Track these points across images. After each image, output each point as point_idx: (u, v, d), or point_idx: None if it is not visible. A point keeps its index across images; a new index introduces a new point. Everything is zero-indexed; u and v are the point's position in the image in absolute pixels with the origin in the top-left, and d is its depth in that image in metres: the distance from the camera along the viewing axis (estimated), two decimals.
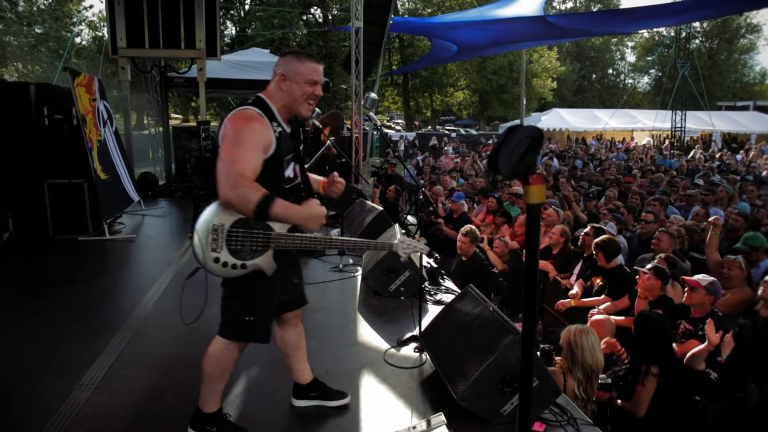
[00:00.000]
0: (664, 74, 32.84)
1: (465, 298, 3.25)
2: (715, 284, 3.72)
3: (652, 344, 3.37)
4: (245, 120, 2.20)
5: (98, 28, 30.76)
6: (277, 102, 2.31)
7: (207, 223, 2.21)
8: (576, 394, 3.08)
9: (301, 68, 2.28)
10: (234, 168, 2.11)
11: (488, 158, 1.31)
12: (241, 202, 2.11)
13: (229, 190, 2.11)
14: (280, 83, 2.29)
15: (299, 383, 2.79)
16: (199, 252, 2.22)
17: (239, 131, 2.17)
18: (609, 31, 24.48)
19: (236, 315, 2.35)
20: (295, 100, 2.30)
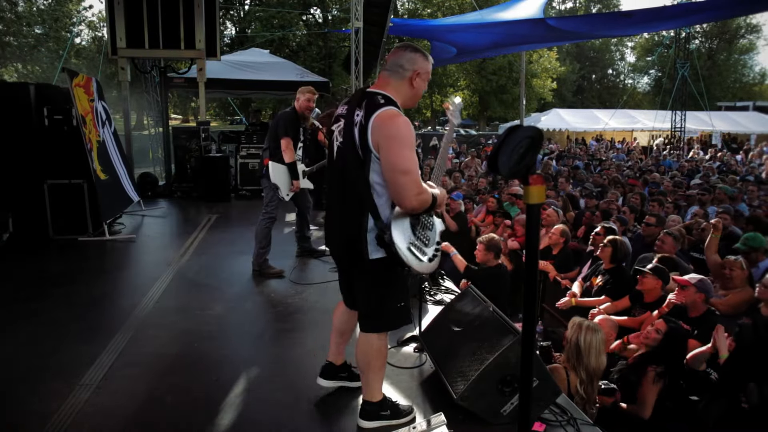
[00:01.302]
0: (663, 74, 32.85)
1: (465, 298, 3.25)
2: (705, 282, 3.70)
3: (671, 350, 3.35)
4: (399, 119, 2.22)
5: (98, 29, 30.77)
6: (401, 98, 2.36)
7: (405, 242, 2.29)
8: (577, 391, 3.08)
9: (429, 67, 2.39)
10: (411, 178, 2.18)
11: (488, 158, 1.32)
12: (421, 206, 2.24)
13: (414, 198, 2.20)
14: (413, 80, 2.35)
15: (333, 363, 2.87)
16: (420, 266, 2.33)
17: (399, 134, 2.20)
18: (609, 34, 24.51)
19: (389, 305, 2.43)
20: (418, 97, 2.41)
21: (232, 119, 36.84)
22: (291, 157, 4.89)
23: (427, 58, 2.39)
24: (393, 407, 2.61)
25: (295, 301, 4.40)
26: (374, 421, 2.56)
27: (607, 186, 9.31)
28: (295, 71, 13.21)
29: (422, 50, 2.42)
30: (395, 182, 2.19)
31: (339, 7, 29.44)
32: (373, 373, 2.52)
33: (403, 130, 2.20)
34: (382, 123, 2.20)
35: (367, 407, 2.57)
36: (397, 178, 2.18)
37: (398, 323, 2.49)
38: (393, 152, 2.18)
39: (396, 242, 2.25)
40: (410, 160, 2.19)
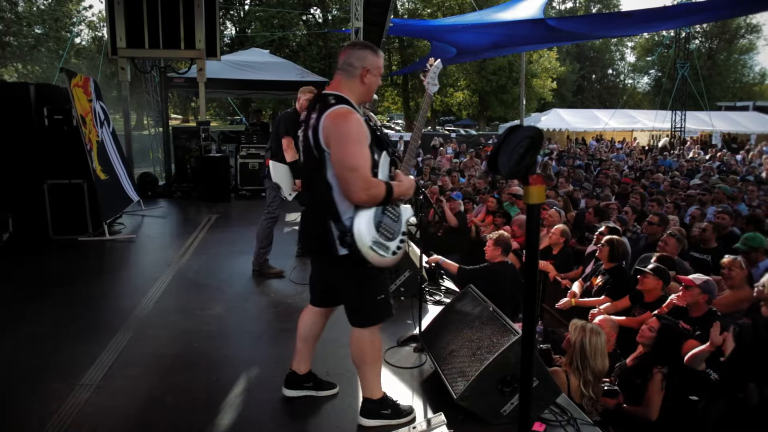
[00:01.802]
0: (663, 74, 32.85)
1: (465, 298, 3.25)
2: (710, 283, 3.71)
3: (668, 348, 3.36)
4: (348, 117, 2.26)
5: (98, 29, 30.78)
6: (354, 95, 2.40)
7: (369, 240, 2.31)
8: (583, 392, 3.08)
9: (379, 63, 2.42)
10: (358, 174, 2.22)
11: (488, 158, 1.31)
12: (371, 201, 2.29)
13: (362, 194, 2.25)
14: (363, 77, 2.38)
15: (296, 372, 2.83)
16: (382, 262, 2.37)
17: (348, 131, 2.23)
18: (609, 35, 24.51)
19: (367, 299, 2.46)
20: (371, 93, 2.46)
21: (232, 119, 36.85)
22: (292, 156, 4.89)
23: (376, 54, 2.42)
24: (394, 406, 2.62)
25: (295, 301, 4.39)
26: (375, 419, 2.57)
27: (609, 186, 9.31)
28: (295, 71, 13.21)
29: (372, 46, 2.45)
30: (343, 178, 2.25)
31: (339, 7, 29.43)
32: (368, 367, 2.54)
33: (352, 127, 2.24)
34: (330, 122, 2.25)
35: (367, 405, 2.57)
36: (344, 174, 2.24)
37: (382, 316, 2.51)
38: (340, 149, 2.23)
39: (357, 242, 2.28)
40: (358, 157, 2.23)
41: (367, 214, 2.33)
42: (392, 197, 2.33)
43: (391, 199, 2.34)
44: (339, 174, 2.27)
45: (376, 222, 2.34)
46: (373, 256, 2.32)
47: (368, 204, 2.30)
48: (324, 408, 2.81)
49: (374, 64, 2.40)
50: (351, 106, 2.33)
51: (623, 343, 3.80)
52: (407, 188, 2.44)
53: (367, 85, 2.41)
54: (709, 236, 5.41)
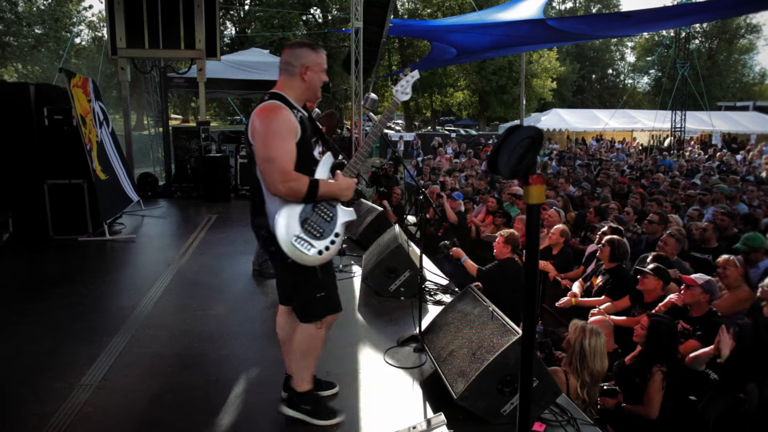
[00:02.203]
0: (663, 74, 32.84)
1: (465, 298, 3.25)
2: (711, 283, 3.72)
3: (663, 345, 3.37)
4: (271, 112, 2.29)
5: (98, 29, 30.80)
6: (295, 93, 2.42)
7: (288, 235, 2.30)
8: (578, 394, 3.08)
9: (319, 59, 2.45)
10: (275, 166, 2.23)
11: (488, 158, 1.31)
12: (291, 194, 2.28)
13: (280, 185, 2.25)
14: (303, 75, 2.40)
15: (292, 376, 2.79)
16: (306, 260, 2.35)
17: (269, 125, 2.26)
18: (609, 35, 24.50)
19: (307, 297, 2.47)
20: (315, 89, 2.47)
21: (232, 119, 36.85)
22: None
23: (315, 51, 2.44)
24: (317, 404, 2.63)
25: None
26: (293, 410, 2.59)
27: (610, 186, 9.30)
28: None
29: (311, 44, 2.47)
30: (261, 169, 2.29)
31: (339, 7, 29.43)
32: (302, 360, 2.55)
33: (275, 121, 2.27)
34: (255, 116, 2.30)
35: (292, 395, 2.60)
36: (261, 165, 2.27)
37: (321, 313, 2.50)
38: (260, 141, 2.27)
39: (277, 236, 2.29)
40: (276, 149, 2.24)
41: (291, 209, 2.32)
42: (318, 194, 2.31)
43: (318, 196, 2.32)
44: (259, 165, 2.30)
45: (301, 218, 2.33)
46: (295, 252, 2.31)
47: (289, 197, 2.29)
48: None
49: (314, 61, 2.42)
50: (286, 103, 2.34)
51: (624, 343, 3.80)
52: (342, 189, 2.42)
53: (308, 82, 2.42)
54: (710, 236, 5.41)
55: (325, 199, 2.40)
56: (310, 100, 2.50)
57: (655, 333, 3.40)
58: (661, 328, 3.41)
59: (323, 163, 2.48)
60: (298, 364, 2.57)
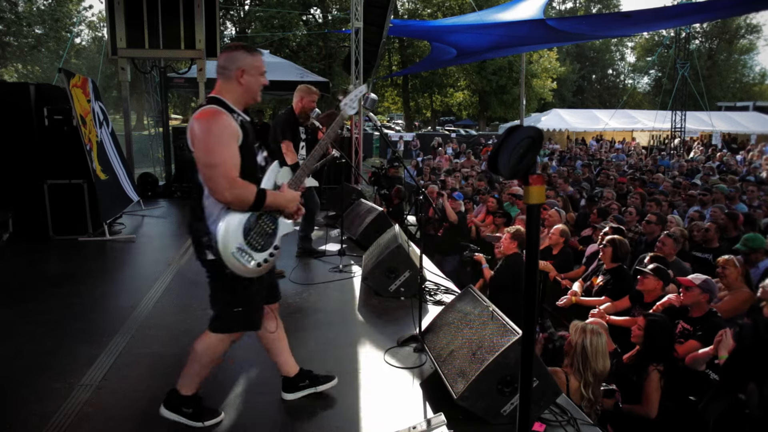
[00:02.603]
0: (663, 75, 32.85)
1: (465, 298, 3.25)
2: (709, 282, 3.72)
3: (660, 344, 3.37)
4: (211, 116, 2.25)
5: (98, 29, 30.81)
6: (233, 96, 2.38)
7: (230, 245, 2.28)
8: (583, 394, 3.08)
9: (255, 62, 2.39)
10: (219, 171, 2.19)
11: (488, 158, 1.31)
12: (237, 202, 2.24)
13: (227, 193, 2.21)
14: (239, 78, 2.36)
15: (287, 376, 2.82)
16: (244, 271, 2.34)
17: (209, 129, 2.23)
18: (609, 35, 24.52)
19: (225, 308, 2.45)
20: (254, 92, 2.43)
21: None
22: (293, 159, 4.91)
23: (251, 53, 2.39)
24: (197, 408, 2.58)
25: (296, 302, 4.40)
26: (173, 412, 2.56)
27: (609, 186, 9.30)
28: (295, 71, 13.22)
29: (247, 46, 2.43)
30: (204, 175, 2.23)
31: (339, 7, 29.43)
32: (196, 366, 2.52)
33: (214, 125, 2.23)
34: (194, 121, 2.26)
35: (172, 395, 2.57)
36: (204, 170, 2.22)
37: (234, 328, 2.48)
38: (201, 146, 2.22)
39: (219, 246, 2.26)
40: (219, 154, 2.20)
41: (235, 218, 2.28)
42: (265, 204, 2.29)
43: (265, 206, 2.30)
44: (202, 172, 2.24)
45: (245, 228, 2.30)
46: (234, 263, 2.29)
47: (235, 205, 2.25)
48: (324, 408, 2.81)
49: (250, 64, 2.37)
50: (225, 107, 2.31)
51: (624, 343, 3.80)
52: (287, 201, 2.40)
53: (245, 85, 2.38)
54: (712, 236, 5.42)
55: (269, 211, 2.37)
56: (249, 103, 2.47)
57: (651, 332, 3.42)
58: (657, 327, 3.42)
59: (270, 171, 2.47)
60: (193, 371, 2.52)
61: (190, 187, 9.72)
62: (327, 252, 5.71)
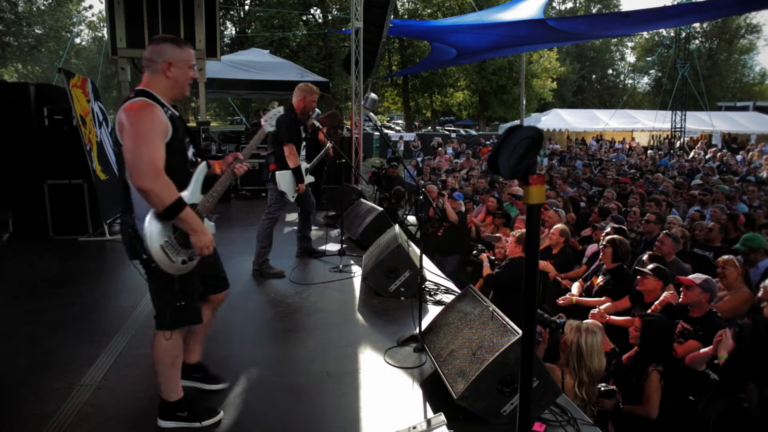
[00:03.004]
0: (663, 75, 32.85)
1: (465, 298, 3.25)
2: (710, 282, 3.72)
3: (657, 344, 3.38)
4: (140, 109, 2.25)
5: (98, 29, 30.81)
6: (160, 89, 2.37)
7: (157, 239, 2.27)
8: (576, 393, 3.09)
9: (183, 55, 2.38)
10: (144, 160, 2.18)
11: (488, 158, 1.31)
12: (155, 194, 2.19)
13: (150, 182, 2.18)
14: (166, 71, 2.35)
15: (185, 362, 2.80)
16: (169, 266, 2.34)
17: (138, 122, 2.22)
18: (609, 35, 24.53)
19: (167, 304, 2.45)
20: (183, 85, 2.42)
21: (232, 119, 36.87)
22: (295, 162, 4.92)
23: (178, 46, 2.38)
24: (191, 408, 2.59)
25: (296, 302, 4.40)
26: (170, 421, 2.56)
27: (608, 186, 9.31)
28: (295, 71, 13.21)
29: (174, 39, 2.42)
30: (130, 164, 2.21)
31: (339, 7, 29.43)
32: (162, 369, 2.51)
33: (143, 117, 2.22)
34: (122, 113, 2.25)
35: (163, 406, 2.57)
36: (131, 160, 2.20)
37: (179, 322, 2.48)
38: (129, 138, 2.21)
39: (147, 239, 2.25)
40: (147, 144, 2.20)
41: None
42: (179, 216, 2.24)
43: (177, 218, 2.25)
44: (128, 162, 2.22)
45: (174, 225, 2.32)
46: (162, 258, 2.28)
47: (152, 199, 2.19)
48: (324, 408, 2.81)
49: (177, 56, 2.36)
50: (153, 100, 2.30)
51: (623, 343, 3.80)
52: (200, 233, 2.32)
53: (173, 78, 2.37)
54: (715, 236, 5.43)
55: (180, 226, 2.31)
56: (178, 97, 2.45)
57: (648, 332, 3.43)
58: (653, 327, 3.43)
59: (198, 173, 2.46)
60: (163, 375, 2.52)
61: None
62: (327, 252, 5.71)
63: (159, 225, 2.26)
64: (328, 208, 7.80)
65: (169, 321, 2.45)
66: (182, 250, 2.35)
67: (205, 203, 2.46)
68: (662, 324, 3.49)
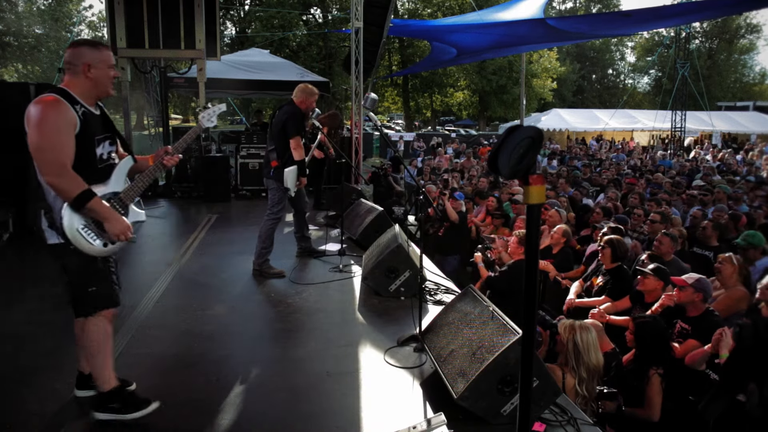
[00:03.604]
0: (664, 74, 32.85)
1: (465, 298, 3.25)
2: (702, 281, 3.71)
3: (654, 346, 3.38)
4: (48, 103, 2.34)
5: (98, 29, 30.80)
6: (80, 89, 2.46)
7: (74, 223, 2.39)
8: (578, 391, 3.09)
9: (101, 56, 2.50)
10: (47, 156, 2.30)
11: (488, 158, 1.31)
12: (59, 190, 2.33)
13: (54, 177, 2.30)
14: (86, 72, 2.45)
15: (82, 372, 2.79)
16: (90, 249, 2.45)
17: (45, 115, 2.32)
18: (609, 34, 24.52)
19: (81, 290, 2.51)
20: (104, 85, 2.52)
21: (232, 119, 36.86)
22: (300, 156, 4.95)
23: (96, 48, 2.49)
24: (124, 400, 2.60)
25: (296, 301, 4.40)
26: (102, 412, 2.59)
27: (607, 186, 9.31)
28: (295, 71, 13.21)
29: (91, 42, 2.54)
30: (35, 158, 2.33)
31: (339, 7, 29.43)
32: (92, 358, 2.55)
33: (49, 111, 2.33)
34: (31, 106, 2.35)
35: (98, 397, 2.61)
36: (35, 154, 2.32)
37: (96, 307, 2.52)
38: (34, 131, 2.32)
39: (65, 221, 2.35)
40: (50, 139, 2.30)
41: None
42: (87, 206, 2.35)
43: (86, 207, 2.35)
44: (33, 155, 2.32)
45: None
46: (81, 241, 2.39)
47: (58, 192, 2.32)
48: (324, 408, 2.81)
49: (96, 58, 2.46)
50: (67, 97, 2.38)
51: (623, 343, 3.80)
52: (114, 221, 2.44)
53: (93, 79, 2.46)
54: (710, 234, 5.42)
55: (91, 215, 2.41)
56: (102, 96, 2.55)
57: (642, 335, 3.43)
58: (647, 329, 3.43)
59: (122, 165, 2.59)
60: (93, 364, 2.56)
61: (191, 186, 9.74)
62: (327, 252, 5.71)
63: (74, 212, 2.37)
64: (328, 208, 7.80)
65: (86, 307, 2.52)
66: (102, 233, 2.46)
67: (128, 191, 2.61)
68: (656, 325, 3.49)
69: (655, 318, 3.61)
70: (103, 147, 2.56)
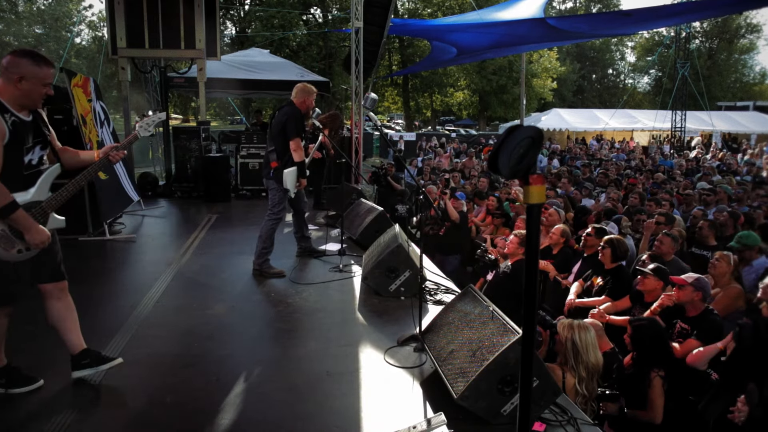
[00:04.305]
0: (664, 74, 32.85)
1: (465, 298, 3.25)
2: (701, 280, 3.71)
3: (653, 347, 3.38)
4: None
5: (98, 29, 30.79)
6: (7, 97, 2.51)
7: None
8: (578, 390, 3.09)
9: (39, 73, 2.55)
10: None
11: (488, 158, 1.31)
12: None
13: None
14: (17, 83, 2.50)
15: (72, 354, 2.91)
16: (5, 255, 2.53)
17: None
18: (609, 34, 24.51)
19: None
20: (33, 99, 2.59)
21: (232, 119, 36.87)
22: (300, 157, 4.94)
23: (38, 64, 2.53)
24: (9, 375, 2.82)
25: (296, 301, 4.40)
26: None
27: (608, 186, 9.30)
28: (295, 71, 13.21)
29: (33, 54, 2.56)
30: None
31: (339, 7, 29.43)
32: None
33: None
34: None
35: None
36: None
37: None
38: None
39: None
40: None
41: None
42: (10, 217, 2.44)
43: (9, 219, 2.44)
44: None
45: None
46: None
47: None
48: (324, 408, 2.81)
49: (30, 72, 2.50)
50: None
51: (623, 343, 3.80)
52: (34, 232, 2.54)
53: (22, 90, 2.50)
54: (707, 234, 5.42)
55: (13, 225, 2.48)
56: (29, 107, 2.59)
57: (640, 337, 3.43)
58: (644, 331, 3.43)
59: (47, 174, 2.64)
60: None
61: (191, 186, 9.74)
62: (327, 252, 5.71)
63: None
64: (328, 208, 7.80)
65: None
66: (18, 241, 2.54)
67: (51, 200, 2.68)
68: (653, 326, 3.49)
69: (651, 319, 3.61)
70: (32, 153, 2.63)
